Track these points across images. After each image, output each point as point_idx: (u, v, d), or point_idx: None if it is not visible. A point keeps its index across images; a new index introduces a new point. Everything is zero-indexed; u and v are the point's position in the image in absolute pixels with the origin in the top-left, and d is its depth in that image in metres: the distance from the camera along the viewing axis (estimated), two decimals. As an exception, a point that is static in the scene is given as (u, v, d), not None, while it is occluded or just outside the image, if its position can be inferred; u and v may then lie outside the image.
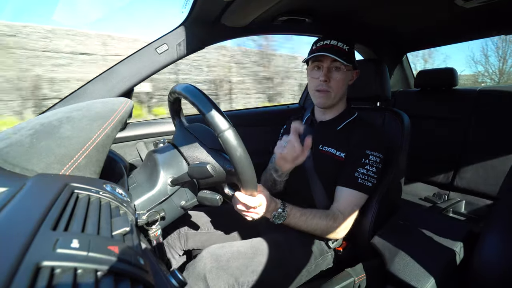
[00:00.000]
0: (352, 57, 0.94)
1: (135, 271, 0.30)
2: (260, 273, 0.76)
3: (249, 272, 0.75)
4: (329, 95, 0.93)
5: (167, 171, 0.71)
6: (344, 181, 0.88)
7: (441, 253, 0.82)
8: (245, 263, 0.76)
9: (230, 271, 0.73)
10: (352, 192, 0.87)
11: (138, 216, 0.62)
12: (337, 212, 0.86)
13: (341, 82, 0.92)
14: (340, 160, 0.92)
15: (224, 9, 0.97)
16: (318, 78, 0.92)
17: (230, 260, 0.75)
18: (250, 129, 1.57)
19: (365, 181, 0.87)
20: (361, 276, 0.84)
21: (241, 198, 0.69)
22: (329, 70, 0.92)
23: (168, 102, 0.80)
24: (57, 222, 0.31)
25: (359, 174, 0.87)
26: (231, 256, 0.76)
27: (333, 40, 0.92)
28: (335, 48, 0.90)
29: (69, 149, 0.48)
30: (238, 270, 0.74)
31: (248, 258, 0.78)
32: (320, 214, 0.84)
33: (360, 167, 0.88)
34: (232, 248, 0.79)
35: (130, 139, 1.24)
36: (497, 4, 1.02)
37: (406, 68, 2.02)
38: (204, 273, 0.71)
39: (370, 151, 0.89)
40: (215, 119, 0.56)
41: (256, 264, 0.77)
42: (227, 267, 0.74)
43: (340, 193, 0.89)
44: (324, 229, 0.84)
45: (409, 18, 1.33)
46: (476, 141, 1.52)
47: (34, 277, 0.23)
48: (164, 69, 1.14)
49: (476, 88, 1.58)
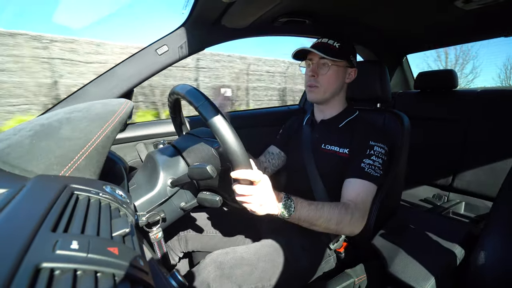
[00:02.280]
0: (344, 54, 0.94)
1: (134, 272, 0.29)
2: (263, 279, 0.76)
3: (253, 279, 0.75)
4: (318, 90, 0.95)
5: (167, 172, 0.71)
6: (351, 173, 0.86)
7: (441, 254, 0.82)
8: (249, 271, 0.76)
9: (234, 279, 0.73)
10: (360, 182, 0.83)
11: (138, 218, 0.62)
12: (347, 201, 0.81)
13: (331, 78, 0.94)
14: (345, 156, 0.92)
15: (224, 10, 0.98)
16: (308, 73, 0.97)
17: (234, 267, 0.75)
18: (250, 130, 1.57)
19: (372, 171, 0.84)
20: (361, 277, 0.84)
21: (237, 174, 0.60)
22: (318, 66, 0.95)
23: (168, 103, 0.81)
24: (57, 224, 0.31)
25: (365, 165, 0.85)
26: (234, 263, 0.76)
27: (325, 38, 0.95)
28: (325, 45, 0.93)
29: (69, 150, 0.48)
30: (241, 277, 0.74)
31: (252, 265, 0.77)
32: (330, 204, 0.78)
33: (366, 158, 0.86)
34: (235, 254, 0.79)
35: (130, 140, 1.24)
36: (497, 6, 1.02)
37: (406, 69, 2.02)
38: (208, 282, 0.71)
39: (374, 142, 0.88)
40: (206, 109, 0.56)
41: (259, 271, 0.77)
42: (231, 274, 0.73)
43: (347, 185, 0.85)
44: (338, 220, 0.76)
45: (409, 20, 1.34)
46: (476, 142, 1.52)
47: (33, 279, 0.23)
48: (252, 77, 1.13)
49: (476, 90, 1.59)
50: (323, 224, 0.75)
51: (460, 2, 1.00)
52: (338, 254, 0.93)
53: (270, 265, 0.79)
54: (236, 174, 0.60)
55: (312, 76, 0.95)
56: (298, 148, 1.04)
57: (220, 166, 0.73)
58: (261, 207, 0.66)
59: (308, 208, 0.73)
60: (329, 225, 0.75)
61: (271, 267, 0.79)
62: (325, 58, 0.91)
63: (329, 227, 0.76)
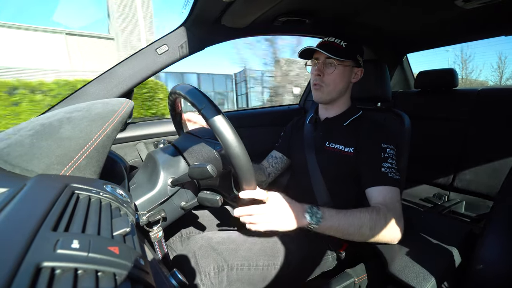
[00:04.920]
0: (351, 54, 0.93)
1: (135, 272, 0.29)
2: (250, 259, 0.76)
3: (239, 257, 0.75)
4: (323, 90, 0.95)
5: (168, 171, 0.71)
6: (373, 181, 0.83)
7: (441, 254, 0.82)
8: (235, 248, 0.76)
9: (219, 251, 0.73)
10: (386, 188, 0.80)
11: (139, 217, 0.62)
12: (377, 205, 0.77)
13: (336, 77, 0.93)
14: (350, 155, 0.91)
15: (224, 10, 0.97)
16: (313, 72, 0.97)
17: (220, 243, 0.76)
18: (250, 129, 1.57)
19: (393, 175, 0.82)
20: (361, 277, 0.84)
21: (244, 194, 0.64)
22: (324, 65, 0.94)
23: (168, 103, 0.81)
24: (58, 223, 0.31)
25: (386, 169, 0.82)
26: (221, 240, 0.77)
27: (331, 37, 0.95)
28: (331, 44, 0.93)
29: (69, 150, 0.48)
30: (227, 252, 0.74)
31: (238, 244, 0.78)
32: (359, 209, 0.75)
33: (384, 161, 0.84)
34: (224, 234, 0.80)
35: (130, 140, 1.24)
36: (497, 5, 1.02)
37: (406, 68, 2.02)
38: (194, 250, 0.72)
39: (386, 144, 0.87)
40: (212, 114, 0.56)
41: (245, 250, 0.77)
42: (217, 247, 0.74)
43: (372, 193, 0.82)
44: (372, 226, 0.72)
45: (409, 19, 1.33)
46: (477, 141, 1.52)
47: (34, 278, 0.23)
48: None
49: (476, 89, 1.58)
50: (356, 231, 0.72)
51: (460, 1, 1.00)
52: (338, 254, 0.93)
53: (259, 247, 0.79)
54: (243, 195, 0.64)
55: (318, 76, 0.94)
56: (300, 147, 1.03)
57: (222, 168, 0.73)
58: (279, 223, 0.69)
59: (337, 216, 0.72)
60: (363, 231, 0.72)
61: (259, 250, 0.78)
62: (331, 57, 0.91)
63: (363, 233, 0.73)
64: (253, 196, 0.65)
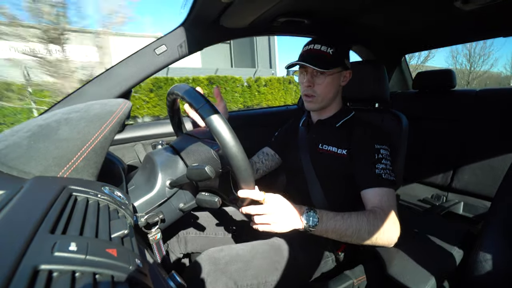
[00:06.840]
0: (338, 60, 0.91)
1: (133, 274, 0.29)
2: (259, 277, 0.76)
3: (249, 276, 0.75)
4: (315, 100, 0.93)
5: (166, 173, 0.71)
6: (368, 183, 0.82)
7: (440, 255, 0.82)
8: (244, 267, 0.76)
9: (229, 274, 0.73)
10: (382, 190, 0.80)
11: (137, 219, 0.62)
12: (372, 208, 0.77)
13: (327, 87, 0.91)
14: (343, 156, 0.90)
15: (223, 10, 0.97)
16: (304, 83, 0.94)
17: (229, 263, 0.75)
18: (248, 130, 1.57)
19: (388, 176, 0.81)
20: (360, 278, 0.84)
21: (242, 193, 0.65)
22: (313, 76, 0.92)
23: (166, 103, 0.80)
24: (55, 225, 0.31)
25: (380, 171, 0.81)
26: (229, 260, 0.76)
27: (317, 44, 0.91)
28: (318, 53, 0.89)
29: (67, 151, 0.48)
30: (236, 273, 0.74)
31: (247, 261, 0.77)
32: (357, 213, 0.75)
33: (377, 162, 0.83)
34: (231, 251, 0.79)
35: (128, 141, 1.24)
36: (496, 7, 1.02)
37: (405, 69, 2.03)
38: (203, 277, 0.71)
39: (379, 145, 0.86)
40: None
41: (254, 268, 0.76)
42: (226, 270, 0.73)
43: (367, 195, 0.82)
44: (370, 230, 0.73)
45: (408, 20, 1.34)
46: (475, 142, 1.52)
47: (31, 280, 0.23)
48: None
49: (475, 90, 1.59)
50: (354, 234, 0.72)
51: (459, 2, 1.00)
52: (337, 256, 0.93)
53: (266, 262, 0.79)
54: (241, 194, 0.65)
55: (309, 86, 0.92)
56: (295, 150, 1.03)
57: (220, 168, 0.73)
58: (279, 225, 0.69)
59: (334, 219, 0.73)
60: (360, 234, 0.72)
61: (267, 265, 0.78)
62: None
63: (360, 237, 0.73)
64: (251, 195, 0.65)
